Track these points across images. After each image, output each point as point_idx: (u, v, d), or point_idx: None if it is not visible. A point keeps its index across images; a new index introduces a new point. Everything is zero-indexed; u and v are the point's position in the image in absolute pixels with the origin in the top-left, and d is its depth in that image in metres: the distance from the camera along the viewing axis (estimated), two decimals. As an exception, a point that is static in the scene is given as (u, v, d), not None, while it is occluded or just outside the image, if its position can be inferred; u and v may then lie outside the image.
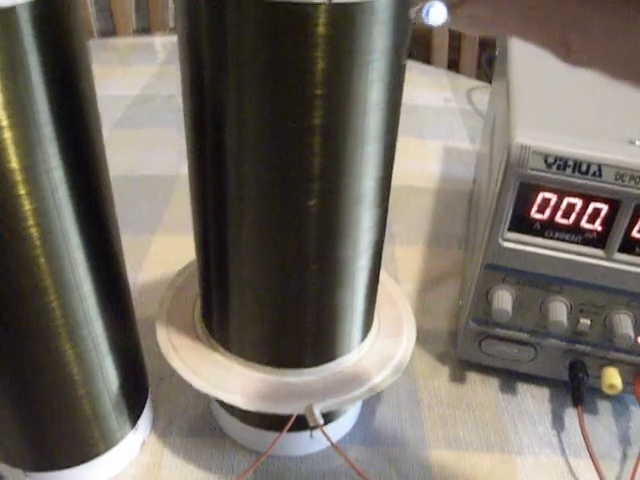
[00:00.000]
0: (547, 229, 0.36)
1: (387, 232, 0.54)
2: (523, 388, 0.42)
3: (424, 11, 0.17)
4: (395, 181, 0.61)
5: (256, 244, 0.29)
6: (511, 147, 0.34)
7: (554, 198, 0.35)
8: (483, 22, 0.17)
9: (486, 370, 0.42)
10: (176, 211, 0.56)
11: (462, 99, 0.75)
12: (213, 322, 0.33)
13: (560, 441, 0.39)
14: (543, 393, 0.42)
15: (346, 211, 0.28)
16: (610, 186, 0.34)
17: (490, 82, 0.63)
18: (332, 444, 0.32)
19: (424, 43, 0.93)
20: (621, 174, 0.33)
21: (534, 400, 0.41)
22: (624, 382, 0.39)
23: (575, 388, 0.39)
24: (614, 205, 0.34)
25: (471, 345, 0.41)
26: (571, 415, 0.40)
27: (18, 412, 0.31)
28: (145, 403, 0.37)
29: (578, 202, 0.35)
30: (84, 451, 0.34)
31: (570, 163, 0.34)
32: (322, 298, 0.30)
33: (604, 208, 0.35)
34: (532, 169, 0.34)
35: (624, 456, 0.38)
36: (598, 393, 0.40)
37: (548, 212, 0.35)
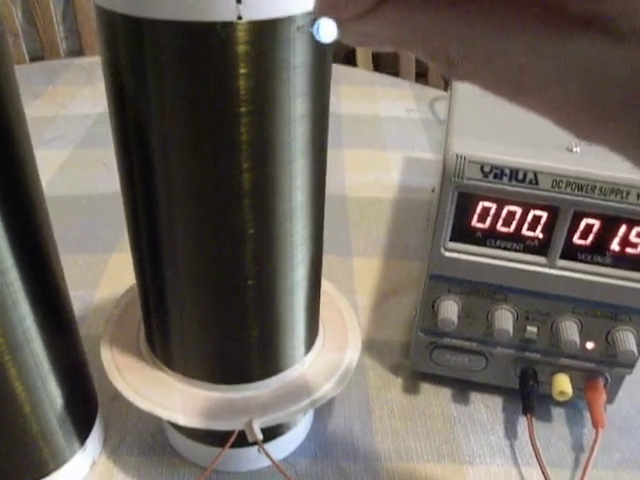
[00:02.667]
0: (489, 238, 0.36)
1: (344, 243, 0.55)
2: (476, 398, 0.42)
3: (314, 28, 0.17)
4: (354, 193, 0.62)
5: (191, 263, 0.29)
6: (447, 157, 0.34)
7: (494, 207, 0.35)
8: (373, 38, 0.18)
9: (439, 380, 0.42)
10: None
11: (425, 109, 0.75)
12: (155, 342, 0.33)
13: (512, 450, 0.39)
14: (496, 402, 0.42)
15: (278, 225, 0.28)
16: (547, 193, 0.34)
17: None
18: (273, 462, 0.32)
19: (392, 55, 0.94)
20: (557, 181, 0.34)
21: (487, 409, 0.41)
22: (575, 388, 0.40)
23: (525, 396, 0.39)
24: (553, 212, 0.35)
25: (423, 355, 0.41)
26: (524, 423, 0.40)
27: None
28: (94, 422, 0.37)
29: (518, 210, 0.35)
30: (33, 469, 0.33)
31: (507, 172, 0.34)
32: (261, 313, 0.30)
33: (544, 215, 0.35)
34: (469, 179, 0.34)
35: (576, 463, 0.38)
36: (551, 400, 0.41)
37: (489, 221, 0.36)
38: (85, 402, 0.36)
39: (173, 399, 0.32)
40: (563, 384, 0.39)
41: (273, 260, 0.29)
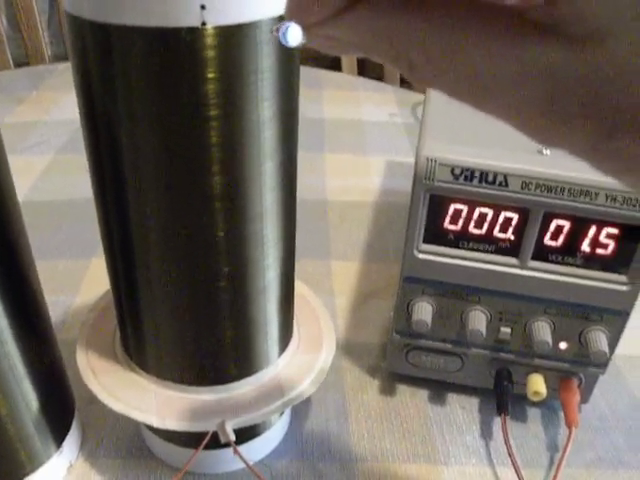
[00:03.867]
0: (461, 240, 0.36)
1: (323, 247, 0.55)
2: (452, 399, 0.42)
3: (280, 32, 0.17)
4: (333, 197, 0.62)
5: (162, 265, 0.29)
6: (418, 160, 0.35)
7: (465, 209, 0.36)
8: (339, 42, 0.18)
9: (416, 382, 0.43)
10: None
11: (407, 114, 0.76)
12: (130, 345, 0.33)
13: (487, 450, 0.39)
14: (472, 403, 0.42)
15: (249, 227, 0.29)
16: (517, 195, 0.34)
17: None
18: (247, 464, 0.32)
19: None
20: (527, 183, 0.34)
21: (463, 410, 0.42)
22: (550, 388, 0.40)
23: (499, 396, 0.39)
24: (524, 214, 0.35)
25: (399, 357, 0.41)
26: (499, 424, 0.41)
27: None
28: (70, 425, 0.37)
29: (489, 212, 0.35)
30: (9, 471, 0.33)
31: (477, 174, 0.34)
32: (233, 315, 0.31)
33: (514, 217, 0.35)
34: (440, 181, 0.34)
35: (550, 462, 0.39)
36: (526, 400, 0.41)
37: (461, 223, 0.36)
38: (62, 405, 0.36)
39: (148, 401, 0.32)
40: (537, 384, 0.39)
41: (245, 262, 0.29)
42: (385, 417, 0.41)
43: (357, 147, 0.70)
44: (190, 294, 0.30)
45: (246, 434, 0.36)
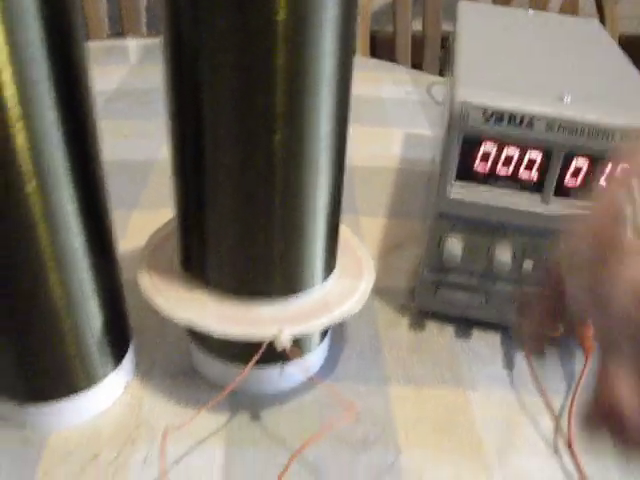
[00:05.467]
0: (489, 179, 0.40)
1: (351, 205, 0.58)
2: (477, 335, 0.46)
3: None
4: (359, 163, 0.66)
5: (230, 180, 0.32)
6: (454, 104, 0.38)
7: (494, 150, 0.39)
8: None
9: (443, 319, 0.46)
10: (153, 192, 0.59)
11: (422, 92, 0.80)
12: (191, 263, 0.37)
13: (510, 379, 0.43)
14: (495, 339, 0.45)
15: (308, 147, 0.32)
16: (542, 136, 0.38)
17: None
18: (300, 358, 0.35)
19: (388, 47, 0.99)
20: (551, 125, 0.38)
21: (487, 345, 0.45)
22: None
23: (521, 326, 0.43)
24: (547, 154, 0.39)
25: (428, 294, 0.45)
26: (520, 358, 0.44)
27: (12, 343, 0.34)
28: (127, 348, 0.40)
29: (515, 152, 0.39)
30: (69, 385, 0.37)
31: (506, 116, 0.38)
32: (287, 231, 0.34)
33: (538, 157, 0.39)
34: (472, 123, 0.38)
35: (568, 390, 0.42)
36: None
37: (489, 163, 0.40)
38: (120, 328, 0.39)
39: (207, 313, 0.35)
40: (556, 317, 0.43)
41: (301, 178, 0.33)
42: (415, 349, 0.44)
43: (378, 120, 0.74)
44: (249, 208, 0.33)
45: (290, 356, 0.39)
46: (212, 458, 0.36)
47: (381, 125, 0.73)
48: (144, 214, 0.56)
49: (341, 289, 0.38)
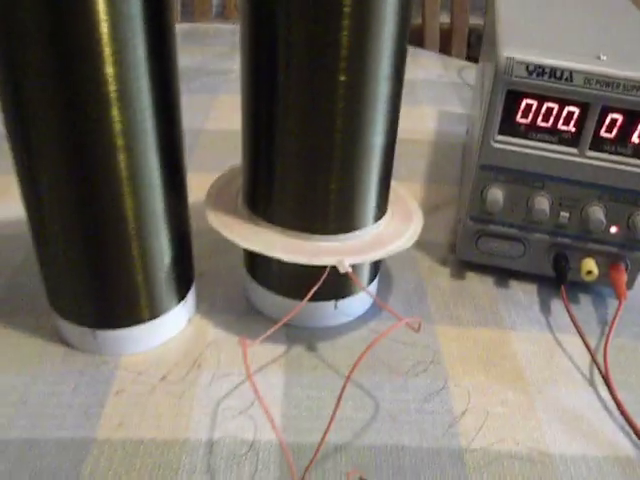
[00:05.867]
0: (530, 131, 0.43)
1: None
2: (515, 284, 0.49)
3: None
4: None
5: (296, 125, 0.35)
6: (499, 59, 0.41)
7: (535, 104, 0.42)
8: None
9: (482, 270, 0.49)
10: (199, 158, 0.63)
11: (453, 75, 0.84)
12: (256, 203, 0.40)
13: (548, 322, 0.45)
14: (532, 288, 0.48)
15: (369, 90, 0.35)
16: (580, 89, 0.41)
17: (477, 62, 0.72)
18: (359, 284, 0.38)
19: (417, 39, 1.03)
20: (588, 79, 0.41)
21: (525, 293, 0.48)
22: (600, 274, 0.46)
23: (558, 271, 0.46)
24: (584, 108, 0.42)
25: (469, 244, 0.48)
26: (557, 305, 0.47)
27: (89, 271, 0.37)
28: (191, 286, 0.43)
29: (555, 106, 0.42)
30: (138, 314, 0.40)
31: (547, 70, 0.41)
32: (345, 172, 0.37)
33: (576, 111, 0.42)
34: (516, 76, 0.41)
35: (601, 334, 0.45)
36: (579, 287, 0.47)
37: (530, 116, 0.43)
38: (185, 265, 0.42)
39: (273, 243, 0.38)
40: (590, 265, 0.45)
41: (360, 120, 0.36)
42: (457, 294, 0.47)
43: (412, 100, 0.78)
44: (312, 152, 0.36)
45: (344, 292, 0.42)
46: (273, 380, 0.39)
47: (415, 104, 0.76)
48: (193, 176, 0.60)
49: (393, 229, 0.41)
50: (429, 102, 0.76)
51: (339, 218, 0.39)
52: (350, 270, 0.37)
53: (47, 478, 0.33)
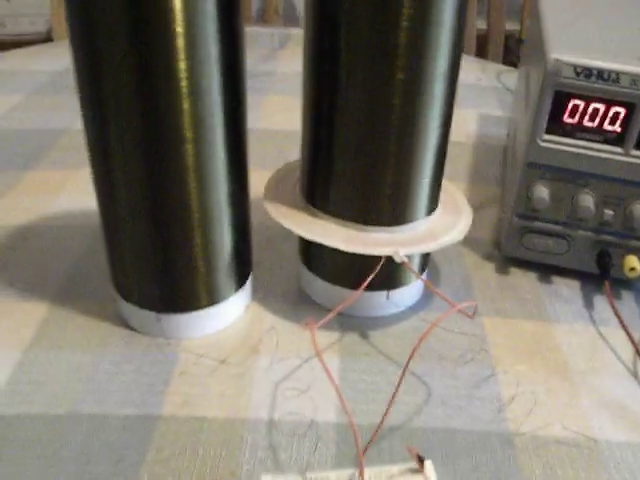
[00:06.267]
0: (576, 131, 0.45)
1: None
2: (558, 280, 0.50)
3: None
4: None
5: (355, 120, 0.37)
6: (547, 61, 0.43)
7: (582, 104, 0.44)
8: None
9: (527, 266, 0.51)
10: (251, 155, 0.65)
11: (492, 79, 0.85)
12: (314, 191, 0.42)
13: (591, 316, 0.47)
14: (575, 284, 0.50)
15: (425, 88, 0.37)
16: (626, 90, 0.42)
17: (516, 66, 0.73)
18: (414, 272, 0.40)
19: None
20: (635, 80, 0.42)
21: (568, 288, 0.49)
22: (643, 270, 0.48)
23: (603, 267, 0.47)
24: (630, 108, 0.43)
25: (514, 240, 0.49)
26: (599, 300, 0.48)
27: (155, 257, 0.39)
28: (248, 275, 0.45)
29: (601, 107, 0.44)
30: (199, 300, 0.42)
31: (594, 72, 0.42)
32: (401, 162, 0.39)
33: (622, 111, 0.43)
34: (564, 78, 0.43)
35: (644, 328, 0.46)
36: (621, 284, 0.49)
37: (577, 116, 0.44)
38: (244, 255, 0.44)
39: (332, 234, 0.40)
40: (633, 262, 0.47)
41: (417, 117, 0.37)
42: (502, 288, 0.49)
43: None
44: (370, 146, 0.38)
45: (396, 282, 0.44)
46: (329, 364, 0.41)
47: (456, 106, 0.77)
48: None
49: (444, 223, 0.43)
50: (469, 105, 0.78)
51: (394, 210, 0.41)
52: (406, 260, 0.39)
53: (117, 451, 0.35)
